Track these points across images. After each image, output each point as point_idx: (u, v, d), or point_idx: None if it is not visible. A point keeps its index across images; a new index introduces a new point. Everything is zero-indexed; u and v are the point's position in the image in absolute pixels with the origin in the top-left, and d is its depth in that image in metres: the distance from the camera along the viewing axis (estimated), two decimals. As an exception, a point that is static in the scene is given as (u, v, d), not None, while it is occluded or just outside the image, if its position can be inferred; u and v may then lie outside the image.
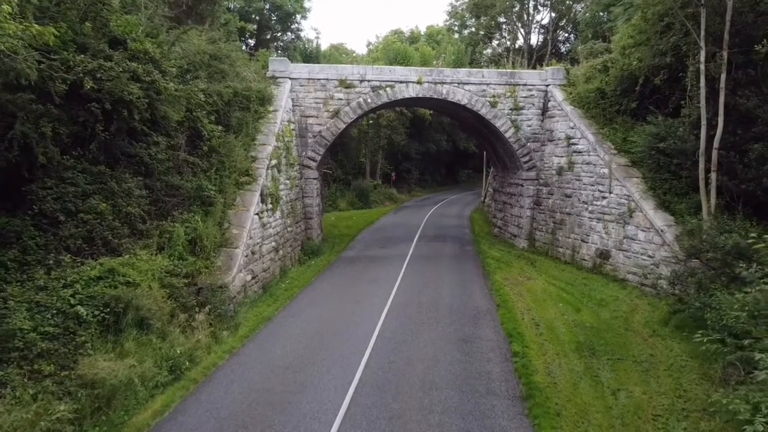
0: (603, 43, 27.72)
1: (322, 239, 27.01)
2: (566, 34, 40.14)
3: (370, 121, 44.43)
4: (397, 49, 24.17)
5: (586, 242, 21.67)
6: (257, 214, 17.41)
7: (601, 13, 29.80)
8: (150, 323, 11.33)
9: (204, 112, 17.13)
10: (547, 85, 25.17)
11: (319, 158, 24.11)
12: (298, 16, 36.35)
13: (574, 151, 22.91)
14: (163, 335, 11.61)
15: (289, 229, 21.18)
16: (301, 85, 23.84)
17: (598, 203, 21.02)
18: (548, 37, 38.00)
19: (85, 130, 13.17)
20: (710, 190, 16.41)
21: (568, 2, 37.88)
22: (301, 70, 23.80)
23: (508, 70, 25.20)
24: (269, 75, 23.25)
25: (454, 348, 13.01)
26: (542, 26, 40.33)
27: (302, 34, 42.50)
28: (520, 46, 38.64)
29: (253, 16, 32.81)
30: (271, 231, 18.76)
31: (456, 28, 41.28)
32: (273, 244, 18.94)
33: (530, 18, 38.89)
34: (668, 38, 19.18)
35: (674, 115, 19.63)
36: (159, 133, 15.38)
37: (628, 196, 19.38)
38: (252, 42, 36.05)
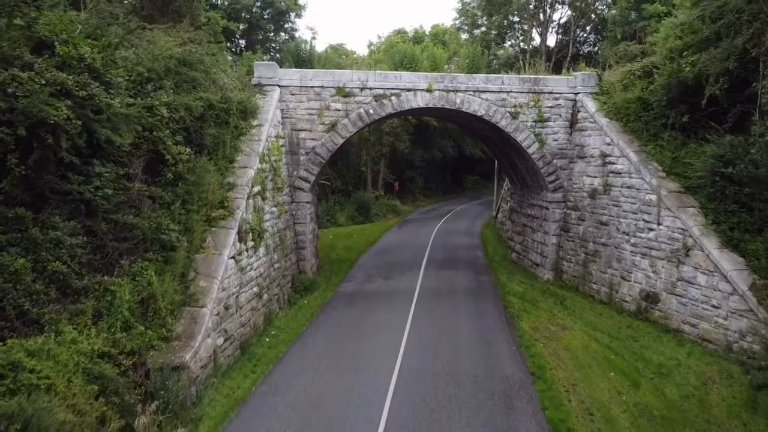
0: (638, 45, 24.34)
1: (318, 268, 23.70)
2: (584, 34, 36.78)
3: (372, 127, 41.10)
4: (403, 52, 20.87)
5: (627, 280, 18.33)
6: (233, 257, 14.09)
7: (631, 12, 26.47)
8: (62, 446, 8.02)
9: (168, 131, 13.81)
10: (576, 93, 21.83)
11: (312, 178, 20.79)
12: (293, 14, 33.09)
13: (611, 172, 19.57)
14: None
15: (276, 265, 17.86)
16: (292, 94, 20.52)
17: (643, 235, 17.68)
18: (569, 37, 34.50)
19: (-10, 164, 9.91)
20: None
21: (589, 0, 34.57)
22: (292, 76, 20.47)
23: (532, 76, 21.88)
24: (254, 82, 19.93)
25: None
26: (560, 25, 37.02)
27: (297, 34, 39.10)
28: (535, 47, 35.26)
29: (243, 14, 29.49)
30: (252, 274, 15.44)
31: (466, 27, 37.88)
32: (255, 289, 15.62)
33: (547, 16, 35.56)
34: (732, 40, 15.87)
35: (734, 131, 16.35)
36: (106, 160, 12.09)
37: (683, 229, 16.05)
38: (243, 43, 32.73)
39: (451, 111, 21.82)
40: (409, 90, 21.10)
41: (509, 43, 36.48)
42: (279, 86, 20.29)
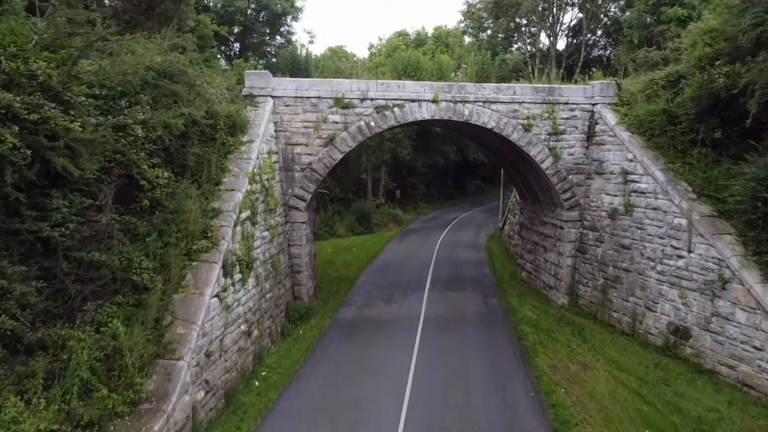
0: (657, 50, 22.73)
1: (315, 290, 22.13)
2: (595, 38, 35.09)
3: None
4: (407, 59, 19.27)
5: (653, 311, 16.74)
6: (217, 295, 12.49)
7: (648, 15, 24.83)
8: None
9: (143, 153, 12.20)
10: (594, 104, 20.22)
11: (309, 196, 19.19)
12: (289, 18, 31.27)
13: (634, 191, 17.96)
14: None
15: (268, 296, 16.26)
16: (287, 105, 18.91)
17: (671, 263, 16.08)
18: (580, 41, 32.73)
19: None
20: None
21: (599, 1, 32.82)
22: (286, 85, 18.85)
23: (545, 86, 20.26)
24: (245, 93, 18.33)
25: None
26: (570, 28, 35.31)
27: (295, 37, 37.40)
28: (544, 52, 33.52)
29: (237, 17, 27.81)
30: (239, 311, 13.84)
31: (472, 31, 36.05)
32: (243, 327, 14.01)
33: (556, 19, 33.75)
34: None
35: (773, 149, 14.78)
36: (68, 190, 10.48)
37: (718, 259, 14.45)
38: (238, 46, 30.95)
39: (459, 123, 20.22)
40: (413, 101, 19.49)
41: (516, 46, 34.76)
42: (272, 97, 18.69)
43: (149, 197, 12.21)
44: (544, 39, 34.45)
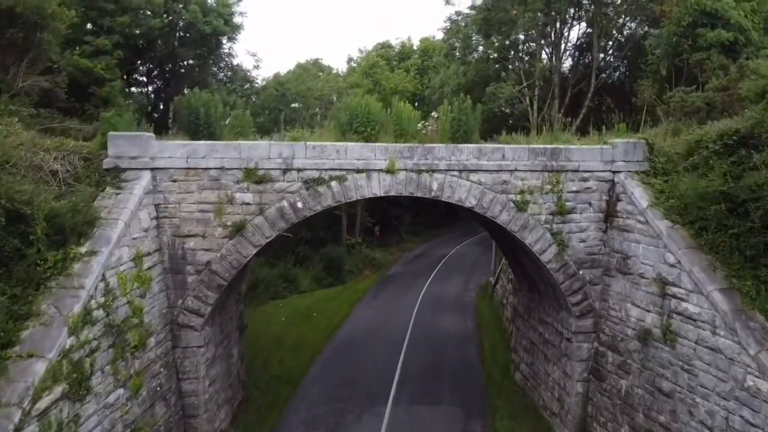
0: (698, 91, 16.96)
1: (238, 408, 16.46)
2: (606, 56, 29.24)
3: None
4: (353, 108, 13.22)
5: (711, 506, 10.97)
6: None
7: (681, 39, 19.08)
8: None
9: None
10: (615, 172, 14.47)
11: (208, 310, 13.43)
12: (223, 39, 25.19)
13: (677, 312, 12.21)
14: None
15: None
16: (175, 181, 13.15)
17: (743, 441, 10.32)
18: (590, 62, 26.59)
19: None
20: None
21: (610, 15, 26.86)
22: (173, 152, 13.07)
23: (547, 146, 14.49)
24: (108, 166, 12.58)
25: None
26: (576, 47, 29.31)
27: (236, 61, 31.45)
28: (545, 72, 27.53)
29: (140, 41, 21.47)
30: None
31: (458, 54, 29.91)
32: None
33: (559, 35, 27.67)
34: None
35: None
36: None
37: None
38: (159, 83, 24.76)
39: (426, 199, 14.47)
40: (359, 171, 13.72)
41: (510, 66, 28.80)
42: (152, 170, 12.92)
43: None
44: (545, 58, 28.58)
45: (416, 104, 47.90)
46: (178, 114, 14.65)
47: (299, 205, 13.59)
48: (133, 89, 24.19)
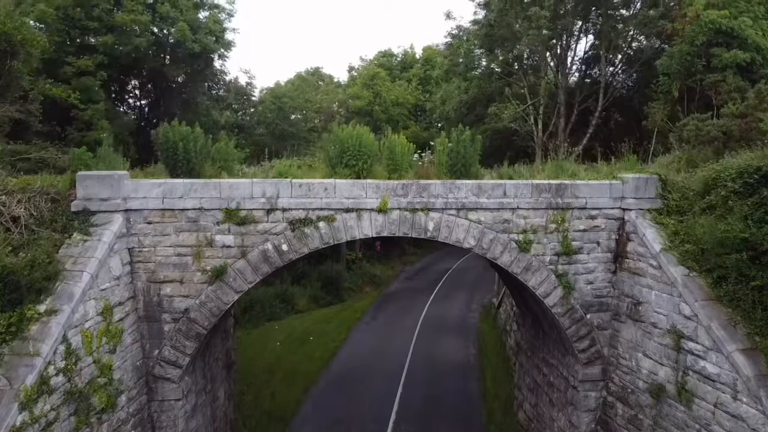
0: (713, 119, 15.89)
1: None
2: (614, 69, 28.05)
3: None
4: (344, 139, 12.19)
5: None
6: None
7: (695, 59, 18.00)
8: None
9: None
10: (625, 209, 13.44)
11: (187, 360, 12.50)
12: (214, 56, 24.18)
13: (693, 370, 11.18)
14: None
15: None
16: (150, 222, 12.23)
17: None
18: (598, 77, 25.35)
19: None
20: None
21: (619, 29, 25.68)
22: (147, 192, 12.14)
23: (552, 182, 13.47)
24: (76, 208, 11.66)
25: None
26: (583, 61, 28.16)
27: (228, 78, 30.41)
28: (550, 88, 26.43)
29: (144, 60, 20.62)
30: None
31: (460, 70, 28.76)
32: None
33: (566, 48, 26.51)
34: None
35: None
36: None
37: None
38: (144, 102, 23.62)
39: (422, 240, 13.49)
40: (349, 210, 12.77)
41: (514, 80, 27.67)
42: (124, 212, 12.00)
43: None
44: (550, 73, 27.39)
45: (418, 114, 46.96)
46: (157, 146, 13.58)
47: (284, 247, 12.63)
48: (121, 108, 23.22)
